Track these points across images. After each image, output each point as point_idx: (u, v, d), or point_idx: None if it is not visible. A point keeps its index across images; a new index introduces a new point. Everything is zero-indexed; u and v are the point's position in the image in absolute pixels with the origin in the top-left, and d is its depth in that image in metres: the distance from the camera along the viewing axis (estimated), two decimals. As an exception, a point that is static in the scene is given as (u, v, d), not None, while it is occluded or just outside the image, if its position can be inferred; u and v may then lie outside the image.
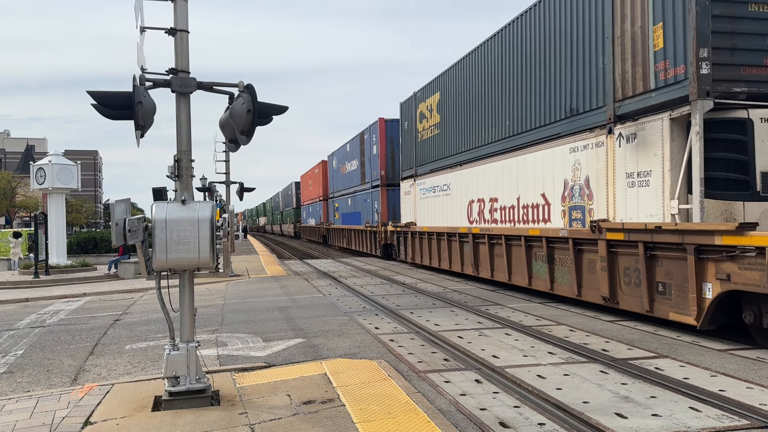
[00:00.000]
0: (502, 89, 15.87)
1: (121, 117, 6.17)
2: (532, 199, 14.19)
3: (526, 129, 14.51)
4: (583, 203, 12.24)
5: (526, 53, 14.51)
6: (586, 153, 12.14)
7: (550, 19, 13.44)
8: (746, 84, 9.38)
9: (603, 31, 11.49)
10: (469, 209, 17.86)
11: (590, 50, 11.95)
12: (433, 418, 5.72)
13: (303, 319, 11.94)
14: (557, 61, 13.15)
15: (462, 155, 18.43)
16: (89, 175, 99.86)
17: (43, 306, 15.95)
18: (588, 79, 12.07)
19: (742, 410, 5.87)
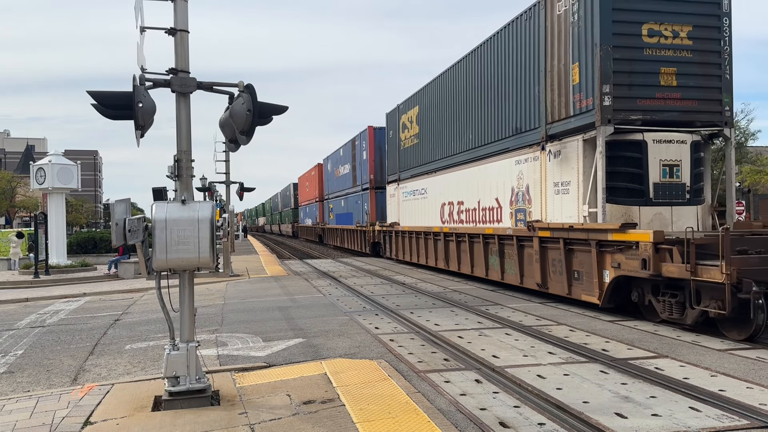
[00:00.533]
0: (466, 106, 18.15)
1: (121, 117, 6.17)
2: (489, 203, 16.64)
3: (485, 143, 16.86)
4: (525, 207, 14.63)
5: (484, 78, 16.89)
6: (526, 165, 14.51)
7: (501, 52, 15.79)
8: (641, 113, 11.65)
9: (538, 65, 13.73)
10: (441, 211, 20.33)
11: (530, 80, 14.22)
12: (433, 418, 5.72)
13: (303, 319, 11.94)
14: (507, 87, 15.50)
15: (436, 163, 20.73)
16: (89, 175, 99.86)
17: (43, 306, 15.94)
18: (528, 104, 14.35)
19: (742, 410, 5.87)
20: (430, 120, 21.30)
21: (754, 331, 8.82)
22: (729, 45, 12.05)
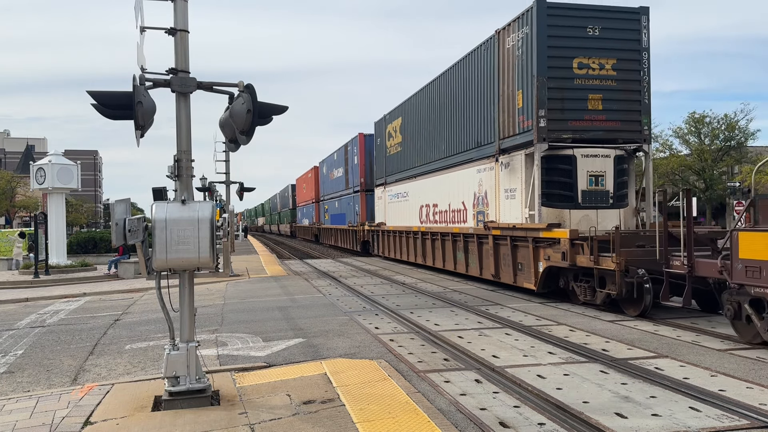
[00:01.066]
0: (439, 120, 20.30)
1: (121, 117, 6.17)
2: (457, 206, 18.90)
3: (454, 153, 19.08)
4: (484, 209, 16.88)
5: (453, 96, 19.10)
6: (485, 174, 16.76)
7: (465, 75, 17.99)
8: (572, 132, 13.75)
9: (493, 89, 15.94)
10: (420, 212, 22.62)
11: (487, 101, 16.45)
12: (433, 417, 5.72)
13: (303, 319, 11.94)
14: (470, 106, 17.66)
15: (416, 169, 22.93)
16: (89, 175, 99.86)
17: (43, 306, 15.94)
18: (486, 122, 16.55)
19: (742, 410, 5.87)
20: (411, 130, 23.57)
21: (643, 308, 11.04)
22: (648, 75, 14.18)
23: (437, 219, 20.78)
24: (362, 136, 31.63)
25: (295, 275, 21.87)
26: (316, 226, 47.76)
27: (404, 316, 11.94)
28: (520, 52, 14.45)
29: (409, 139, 23.90)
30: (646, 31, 14.24)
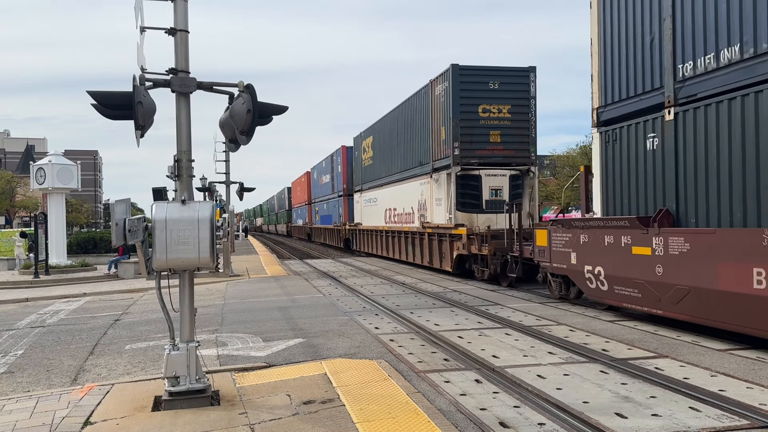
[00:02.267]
0: (398, 141, 25.39)
1: (121, 117, 6.17)
2: (408, 210, 23.94)
3: (406, 168, 24.09)
4: (424, 213, 21.79)
5: (406, 124, 24.08)
6: (425, 186, 21.71)
7: (413, 109, 22.97)
8: (478, 158, 18.85)
9: (428, 123, 21.01)
10: (385, 214, 27.45)
11: (426, 130, 21.28)
12: (433, 418, 5.72)
13: (303, 319, 11.94)
14: (416, 132, 22.65)
15: (382, 179, 27.80)
16: (89, 175, 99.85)
17: (43, 306, 15.95)
18: (425, 146, 21.39)
19: (742, 410, 5.87)
20: (379, 147, 28.64)
21: (509, 282, 16.33)
22: (534, 116, 19.25)
23: (396, 220, 25.79)
24: (344, 148, 36.39)
25: (295, 275, 21.87)
26: (309, 226, 52.58)
27: (404, 316, 11.94)
28: (443, 99, 19.50)
29: (377, 154, 28.95)
30: (533, 84, 19.13)
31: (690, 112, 9.61)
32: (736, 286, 8.32)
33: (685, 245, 9.28)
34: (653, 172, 10.46)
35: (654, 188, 10.45)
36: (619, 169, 11.45)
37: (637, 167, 10.90)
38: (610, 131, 11.71)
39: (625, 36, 11.30)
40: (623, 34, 11.35)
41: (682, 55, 9.80)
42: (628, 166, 11.15)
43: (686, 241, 9.27)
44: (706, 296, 8.91)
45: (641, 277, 10.23)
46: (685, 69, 9.75)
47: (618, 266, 10.85)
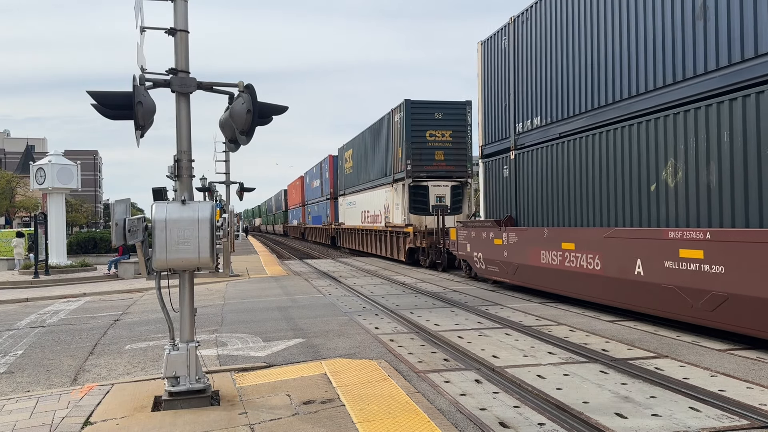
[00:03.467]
0: (370, 154, 30.70)
1: (121, 117, 6.17)
2: (377, 212, 29.11)
3: (376, 178, 29.13)
4: (388, 215, 27.00)
5: (376, 141, 29.41)
6: (388, 193, 26.86)
7: (379, 131, 28.65)
8: (426, 172, 23.84)
9: (390, 143, 26.38)
10: (361, 215, 32.62)
11: (389, 149, 26.62)
12: (433, 418, 5.72)
13: (303, 319, 11.94)
14: (382, 149, 28.06)
15: (359, 186, 33.10)
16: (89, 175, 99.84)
17: (43, 306, 15.95)
18: (389, 161, 26.69)
19: (742, 410, 5.87)
20: (357, 158, 34.01)
21: (442, 267, 21.68)
22: (471, 139, 24.29)
23: (369, 220, 30.86)
24: (331, 157, 41.62)
25: (295, 275, 21.87)
26: (302, 226, 57.95)
27: (404, 316, 11.94)
28: (400, 126, 24.93)
29: (356, 164, 34.26)
30: (470, 114, 24.30)
31: (522, 155, 15.10)
32: (537, 261, 13.83)
33: (515, 238, 14.96)
34: (506, 192, 16.00)
35: (506, 202, 15.99)
36: (492, 188, 16.91)
37: (499, 188, 16.43)
38: (488, 162, 17.18)
39: (492, 101, 16.92)
40: (492, 99, 16.91)
41: (518, 119, 15.36)
42: (495, 186, 16.68)
43: (516, 235, 14.96)
44: (527, 269, 14.37)
45: (498, 258, 15.90)
46: (518, 127, 15.34)
47: (488, 252, 16.50)
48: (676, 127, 9.80)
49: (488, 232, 16.29)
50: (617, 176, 11.28)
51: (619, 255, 10.88)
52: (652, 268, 10.00)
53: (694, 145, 9.42)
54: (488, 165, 17.08)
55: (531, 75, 14.66)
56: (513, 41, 15.53)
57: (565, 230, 12.87)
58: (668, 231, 9.70)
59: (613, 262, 11.03)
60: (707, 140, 9.17)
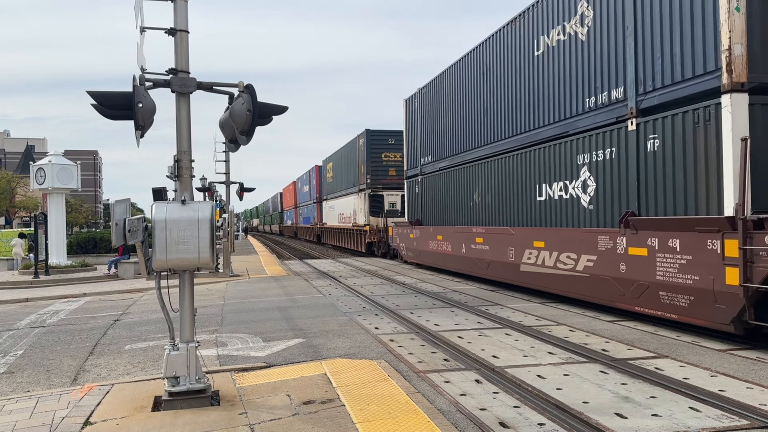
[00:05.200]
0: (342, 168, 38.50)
1: (121, 117, 6.17)
2: (348, 214, 36.17)
3: (348, 187, 36.39)
4: (355, 217, 34.33)
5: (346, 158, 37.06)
6: (356, 200, 33.92)
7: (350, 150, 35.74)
8: (382, 185, 31.86)
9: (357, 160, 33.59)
10: (338, 217, 40.22)
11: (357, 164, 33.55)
12: (433, 418, 5.72)
13: (303, 319, 11.94)
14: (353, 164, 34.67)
15: (337, 193, 40.59)
16: (89, 175, 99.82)
17: (43, 306, 15.94)
18: (356, 175, 33.92)
19: (742, 410, 5.87)
20: (335, 170, 41.67)
21: (390, 257, 29.11)
22: None
23: (342, 221, 38.59)
24: (317, 167, 49.14)
25: (295, 275, 21.87)
26: (295, 226, 65.73)
27: (404, 316, 11.94)
28: (362, 149, 32.51)
29: (335, 174, 41.74)
30: None
31: (424, 178, 22.58)
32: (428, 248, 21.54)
33: (419, 233, 22.73)
34: (417, 203, 23.60)
35: (417, 209, 23.53)
36: (410, 200, 24.84)
37: (413, 200, 24.18)
38: (408, 182, 25.00)
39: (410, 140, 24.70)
40: (410, 139, 24.74)
41: (422, 155, 22.87)
42: (412, 199, 24.52)
43: (419, 231, 22.66)
44: (424, 253, 22.10)
45: (411, 247, 23.82)
46: (422, 161, 22.87)
47: (407, 243, 24.55)
48: (479, 172, 17.69)
49: (406, 230, 24.75)
50: (459, 196, 19.26)
51: (458, 241, 18.94)
52: (468, 248, 18.08)
53: (482, 181, 17.46)
54: (408, 184, 25.09)
55: (427, 127, 22.45)
56: (419, 103, 23.27)
57: (439, 228, 20.91)
58: (472, 228, 18.01)
59: (456, 246, 19.10)
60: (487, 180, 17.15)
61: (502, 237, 15.78)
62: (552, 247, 13.25)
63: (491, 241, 16.33)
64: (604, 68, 11.79)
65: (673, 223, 9.67)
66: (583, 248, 12.05)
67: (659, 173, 10.20)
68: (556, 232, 13.22)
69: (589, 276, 11.88)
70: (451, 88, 19.88)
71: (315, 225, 49.92)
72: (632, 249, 10.59)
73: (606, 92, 11.76)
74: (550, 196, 13.76)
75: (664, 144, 10.09)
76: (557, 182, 13.39)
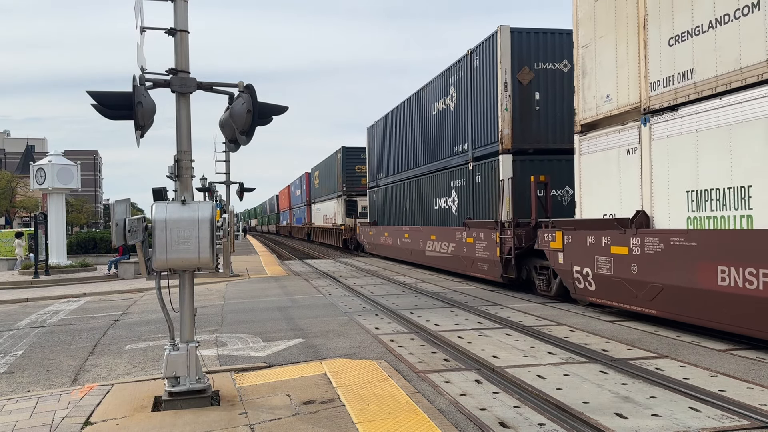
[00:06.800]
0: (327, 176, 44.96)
1: (121, 117, 6.16)
2: (331, 216, 43.24)
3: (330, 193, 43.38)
4: (335, 218, 41.64)
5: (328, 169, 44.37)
6: (336, 204, 41.01)
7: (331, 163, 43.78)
8: (355, 192, 37.89)
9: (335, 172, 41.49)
10: (323, 218, 46.39)
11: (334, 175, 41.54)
12: (433, 418, 5.72)
13: (303, 319, 11.94)
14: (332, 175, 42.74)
15: (322, 197, 47.04)
16: (89, 175, 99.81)
17: (43, 306, 15.94)
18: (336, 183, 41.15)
19: (742, 410, 5.87)
20: (320, 178, 48.08)
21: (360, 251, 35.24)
22: None
23: (326, 221, 45.03)
24: (307, 174, 55.22)
25: (295, 275, 21.87)
26: (290, 226, 71.53)
27: (404, 316, 11.94)
28: (340, 162, 39.04)
29: (320, 181, 48.05)
30: None
31: (379, 190, 29.72)
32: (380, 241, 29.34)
33: (374, 230, 30.31)
34: (375, 208, 30.79)
35: (375, 212, 30.70)
36: (370, 205, 31.75)
37: (372, 205, 31.37)
38: (369, 191, 31.80)
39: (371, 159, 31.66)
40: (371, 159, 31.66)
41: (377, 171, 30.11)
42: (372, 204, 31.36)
43: (374, 229, 30.34)
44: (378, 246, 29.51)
45: (370, 241, 31.25)
46: (377, 176, 29.95)
47: (368, 239, 31.68)
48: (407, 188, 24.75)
49: (367, 228, 31.86)
50: (398, 204, 26.40)
51: (395, 236, 26.20)
52: (401, 240, 25.10)
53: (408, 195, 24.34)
54: (369, 193, 32.30)
55: (380, 150, 29.57)
56: (376, 132, 30.53)
57: (386, 227, 28.14)
58: (402, 227, 24.98)
59: (394, 240, 26.35)
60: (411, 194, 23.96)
61: (416, 233, 23.30)
62: (439, 239, 20.66)
63: (412, 235, 23.88)
64: (460, 130, 18.89)
65: (481, 223, 17.06)
66: (450, 239, 19.47)
67: (481, 196, 17.42)
68: (441, 229, 20.65)
69: (452, 256, 19.34)
70: (393, 125, 27.11)
71: (305, 225, 56.98)
72: (467, 239, 17.99)
73: (461, 145, 18.89)
74: (439, 206, 20.98)
75: (482, 179, 17.23)
76: (441, 197, 20.75)
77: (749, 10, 8.17)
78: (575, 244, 12.15)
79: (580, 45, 12.39)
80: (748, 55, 8.23)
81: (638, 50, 10.51)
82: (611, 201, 11.26)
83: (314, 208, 51.87)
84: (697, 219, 9.29)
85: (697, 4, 9.14)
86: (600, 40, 11.69)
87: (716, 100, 8.86)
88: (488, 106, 16.61)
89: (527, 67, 15.86)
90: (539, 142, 15.83)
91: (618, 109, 11.12)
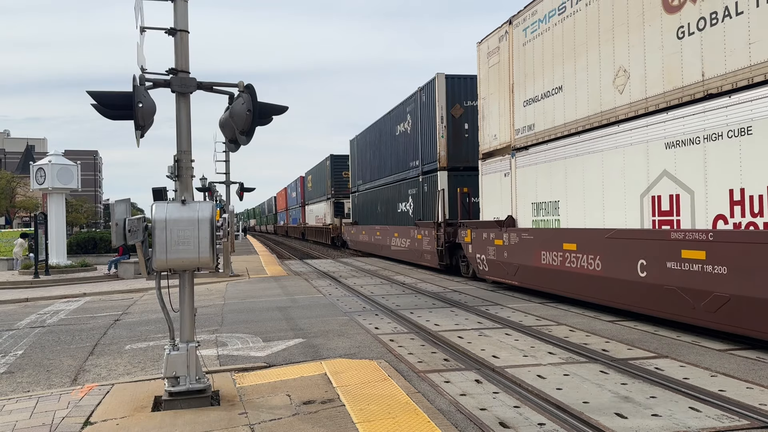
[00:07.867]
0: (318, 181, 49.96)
1: (121, 117, 6.16)
2: (322, 216, 48.08)
3: (321, 195, 48.03)
4: (326, 218, 46.21)
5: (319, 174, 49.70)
6: (326, 206, 45.69)
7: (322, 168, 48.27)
8: (343, 194, 42.03)
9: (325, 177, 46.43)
10: (315, 218, 51.10)
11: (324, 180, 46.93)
12: (433, 418, 5.72)
13: (303, 319, 11.94)
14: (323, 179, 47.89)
15: (314, 199, 51.44)
16: (89, 175, 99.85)
17: (43, 306, 15.94)
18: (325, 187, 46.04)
19: (742, 410, 5.87)
20: (313, 181, 52.27)
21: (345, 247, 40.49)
22: None
23: (318, 221, 49.33)
24: (301, 177, 59.30)
25: (295, 275, 21.87)
26: (287, 226, 75.06)
27: (404, 316, 11.94)
28: (329, 168, 43.85)
29: (313, 185, 52.51)
30: None
31: (359, 194, 34.53)
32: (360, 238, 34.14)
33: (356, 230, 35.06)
34: (356, 210, 35.59)
35: (357, 214, 35.33)
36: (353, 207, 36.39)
37: (354, 208, 36.01)
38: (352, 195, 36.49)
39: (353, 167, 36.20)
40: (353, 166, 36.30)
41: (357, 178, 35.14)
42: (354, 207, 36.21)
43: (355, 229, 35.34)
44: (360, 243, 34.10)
45: (353, 239, 36.07)
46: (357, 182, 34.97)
47: (351, 236, 36.54)
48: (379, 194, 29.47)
49: (350, 228, 36.40)
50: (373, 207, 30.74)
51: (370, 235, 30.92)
52: (374, 237, 30.34)
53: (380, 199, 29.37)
54: (352, 196, 36.48)
55: (360, 160, 33.83)
56: (357, 143, 34.66)
57: (364, 226, 32.73)
58: (375, 226, 30.27)
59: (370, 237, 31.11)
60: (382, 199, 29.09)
61: (386, 231, 28.06)
62: (400, 236, 25.47)
63: (383, 234, 28.54)
64: (414, 149, 23.60)
65: (426, 223, 21.76)
66: (407, 235, 24.34)
67: (427, 202, 22.06)
68: (402, 228, 25.34)
69: (409, 249, 24.13)
70: (370, 139, 31.56)
71: (300, 225, 61.79)
72: (418, 235, 22.77)
73: (414, 161, 23.62)
74: (401, 210, 25.62)
75: (428, 188, 21.95)
76: (402, 202, 25.49)
77: (558, 90, 12.91)
78: (477, 238, 16.93)
79: (481, 96, 16.85)
80: (559, 118, 12.89)
81: (509, 106, 15.17)
82: (498, 208, 15.89)
83: (308, 209, 56.71)
84: (536, 221, 14.01)
85: (537, 82, 13.73)
86: (491, 96, 16.20)
87: (544, 145, 13.48)
88: (431, 133, 21.53)
89: (458, 105, 20.74)
90: (468, 161, 19.91)
91: (500, 145, 15.71)
